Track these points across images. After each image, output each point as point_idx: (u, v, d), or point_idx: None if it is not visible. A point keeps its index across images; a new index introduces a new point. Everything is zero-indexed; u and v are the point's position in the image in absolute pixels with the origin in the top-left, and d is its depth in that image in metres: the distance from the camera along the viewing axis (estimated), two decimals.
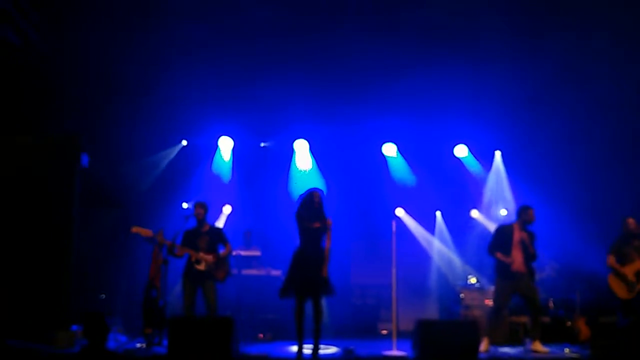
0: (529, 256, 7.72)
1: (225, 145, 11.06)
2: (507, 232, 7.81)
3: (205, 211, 7.94)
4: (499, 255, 7.70)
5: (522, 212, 7.85)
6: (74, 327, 7.61)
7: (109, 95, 9.40)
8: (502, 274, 7.71)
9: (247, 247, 9.86)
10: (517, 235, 7.75)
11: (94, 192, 9.35)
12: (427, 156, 11.38)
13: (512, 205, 10.64)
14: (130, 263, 9.19)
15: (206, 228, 7.92)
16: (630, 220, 8.08)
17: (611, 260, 8.10)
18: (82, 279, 8.56)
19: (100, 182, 9.60)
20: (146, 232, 7.55)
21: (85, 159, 8.99)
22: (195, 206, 7.96)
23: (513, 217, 8.14)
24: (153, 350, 7.06)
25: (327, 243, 6.99)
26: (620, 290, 8.01)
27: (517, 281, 7.63)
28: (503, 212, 10.36)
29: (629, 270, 7.98)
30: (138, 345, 7.32)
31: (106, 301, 8.87)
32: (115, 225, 9.73)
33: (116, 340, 7.77)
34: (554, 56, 9.14)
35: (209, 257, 7.71)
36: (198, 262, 7.67)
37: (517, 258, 7.65)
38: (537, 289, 7.82)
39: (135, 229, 7.56)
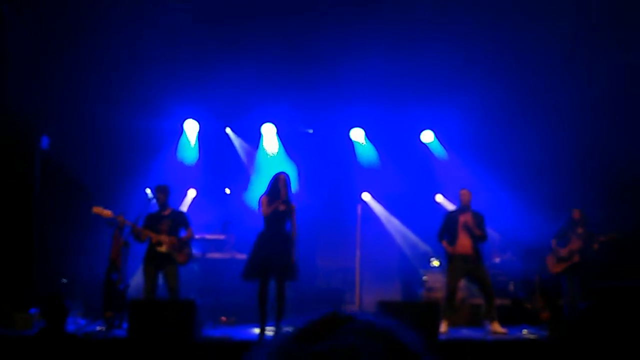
0: (476, 238, 7.87)
1: (191, 128, 10.96)
2: (453, 217, 8.03)
3: (166, 195, 7.87)
4: (444, 243, 8.03)
5: (459, 195, 8.13)
6: (33, 310, 7.52)
7: (70, 74, 9.20)
8: (450, 258, 7.89)
9: (223, 231, 9.87)
10: (462, 218, 7.92)
11: (55, 173, 9.20)
12: (394, 141, 11.45)
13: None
14: (91, 246, 9.06)
15: (168, 211, 7.86)
16: (576, 210, 8.72)
17: (553, 242, 8.73)
18: (42, 261, 8.45)
19: (62, 163, 9.45)
20: (107, 212, 7.47)
21: (45, 141, 8.84)
22: (156, 190, 7.89)
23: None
24: (113, 334, 7.01)
25: (293, 227, 7.00)
26: (552, 265, 8.68)
27: (465, 263, 7.80)
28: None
29: (566, 250, 8.58)
30: (98, 328, 7.25)
31: (67, 284, 8.76)
32: (76, 208, 9.58)
33: (76, 323, 7.69)
34: (521, 42, 9.23)
35: (170, 240, 7.65)
36: (159, 244, 7.61)
37: (463, 241, 7.83)
38: (487, 270, 8.00)
39: (96, 210, 7.47)
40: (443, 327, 7.57)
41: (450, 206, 11.15)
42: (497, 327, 7.65)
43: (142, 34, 8.83)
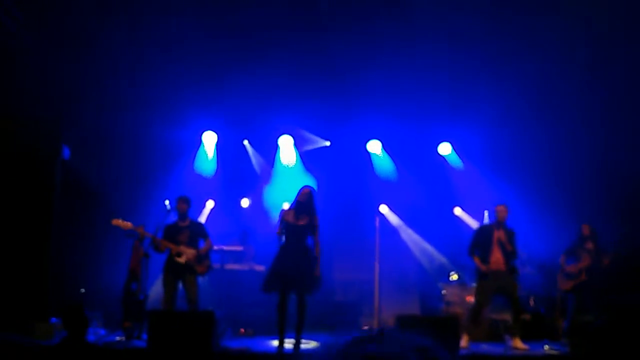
0: (509, 254, 7.80)
1: (209, 140, 11.00)
2: (486, 232, 7.93)
3: (188, 206, 7.90)
4: (476, 259, 7.91)
5: (495, 210, 8.00)
6: (53, 320, 7.55)
7: (91, 85, 9.30)
8: (482, 273, 7.80)
9: (241, 243, 9.87)
10: (496, 234, 7.83)
11: (75, 184, 9.27)
12: (412, 153, 11.42)
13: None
14: (111, 256, 9.10)
15: (187, 222, 7.88)
16: (585, 226, 8.69)
17: (561, 259, 8.75)
18: (62, 270, 8.49)
19: (82, 174, 9.52)
20: (126, 224, 7.50)
21: (67, 151, 8.91)
22: (178, 200, 7.91)
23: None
24: (132, 344, 7.02)
25: (316, 244, 6.99)
26: (561, 282, 8.67)
27: (497, 280, 7.70)
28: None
29: (575, 267, 8.55)
30: (117, 338, 7.27)
31: (86, 294, 8.79)
32: (96, 218, 9.63)
33: (95, 333, 7.70)
34: (537, 61, 9.20)
35: (190, 251, 7.66)
36: (179, 255, 7.62)
37: (496, 257, 7.74)
38: (517, 286, 7.90)
39: (115, 222, 7.50)
40: (464, 342, 7.50)
41: (468, 219, 11.10)
42: (518, 343, 7.56)
43: (163, 45, 8.92)
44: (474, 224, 10.73)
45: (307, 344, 7.32)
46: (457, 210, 11.38)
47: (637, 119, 9.66)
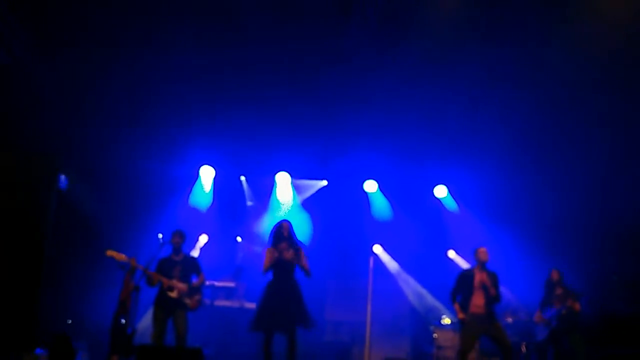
0: (491, 298, 7.67)
1: (207, 174, 11.03)
2: (468, 275, 7.81)
3: (182, 240, 7.85)
4: (455, 306, 7.76)
5: (475, 253, 7.91)
6: (39, 350, 7.45)
7: (89, 116, 9.37)
8: (463, 319, 7.69)
9: (233, 279, 9.82)
10: (478, 277, 7.74)
11: (69, 214, 9.25)
12: (408, 195, 11.45)
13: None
14: (101, 288, 9.02)
15: (180, 257, 7.83)
16: (553, 272, 8.73)
17: (537, 316, 8.82)
18: (50, 301, 8.41)
19: (77, 205, 9.51)
20: (120, 256, 7.44)
21: (63, 180, 8.92)
22: (173, 234, 7.87)
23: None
24: None
25: (306, 270, 6.91)
26: (539, 334, 8.77)
27: (480, 323, 7.59)
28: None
29: (545, 317, 8.66)
30: None
31: (73, 325, 8.69)
32: (88, 249, 9.59)
33: None
34: (536, 103, 9.33)
35: (181, 286, 7.60)
36: (170, 289, 7.55)
37: (477, 301, 7.64)
38: (502, 328, 7.80)
39: (109, 253, 7.44)
40: None
41: (462, 262, 11.07)
42: None
43: (161, 79, 9.02)
44: (467, 266, 10.69)
45: None
46: (451, 253, 11.36)
47: (633, 170, 9.78)
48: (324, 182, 11.51)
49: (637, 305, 9.44)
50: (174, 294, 7.54)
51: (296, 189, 11.37)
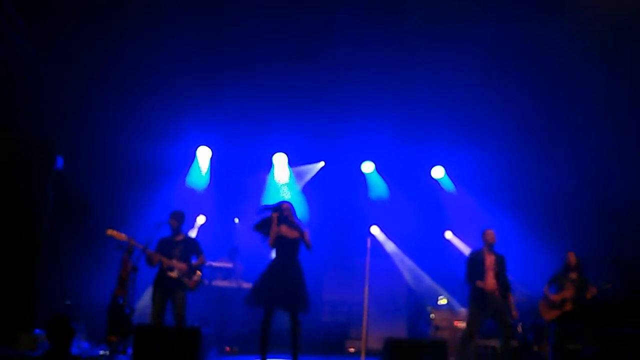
0: (501, 279, 7.71)
1: (203, 155, 11.00)
2: (479, 257, 7.80)
3: (179, 222, 7.84)
4: (479, 283, 7.61)
5: (483, 234, 7.88)
6: (37, 331, 7.47)
7: (86, 97, 9.31)
8: (477, 299, 7.67)
9: (230, 259, 9.82)
10: (488, 259, 7.75)
11: (66, 196, 9.23)
12: (405, 176, 11.45)
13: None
14: (99, 268, 9.03)
15: (181, 237, 7.84)
16: (570, 254, 8.64)
17: (545, 288, 8.67)
18: (48, 281, 8.42)
19: (73, 187, 9.48)
20: (121, 235, 7.44)
21: (60, 162, 8.89)
22: (170, 216, 7.87)
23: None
24: (117, 358, 6.93)
25: (308, 246, 6.88)
26: (544, 312, 8.64)
27: (492, 304, 7.59)
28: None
29: (558, 296, 8.51)
30: (101, 352, 7.19)
31: (71, 306, 8.70)
32: (86, 229, 9.59)
33: (79, 346, 7.62)
34: (535, 82, 9.29)
35: (181, 266, 7.61)
36: (170, 269, 7.57)
37: (491, 281, 7.64)
38: (509, 312, 7.80)
39: (110, 232, 7.45)
40: None
41: (459, 243, 11.11)
42: None
43: (158, 59, 8.94)
44: (464, 248, 10.73)
45: None
46: (448, 234, 11.39)
47: (633, 149, 9.77)
48: (321, 164, 11.49)
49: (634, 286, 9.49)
50: (173, 274, 7.55)
51: (295, 176, 11.36)
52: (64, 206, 9.11)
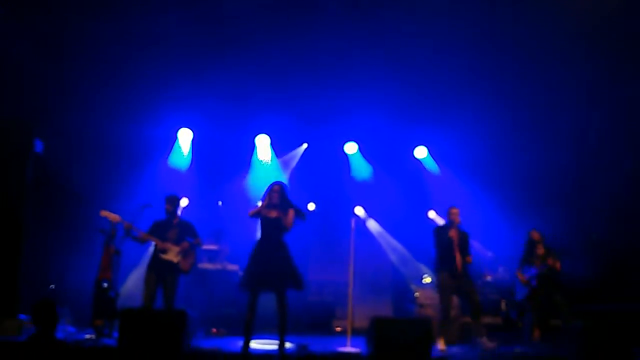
0: (464, 255, 7.90)
1: (185, 137, 10.91)
2: (445, 232, 7.98)
3: (173, 206, 7.87)
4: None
5: (448, 212, 8.12)
6: (22, 316, 7.42)
7: (65, 79, 9.16)
8: (445, 274, 7.85)
9: (215, 241, 9.80)
10: (454, 235, 7.91)
11: (47, 179, 9.12)
12: (388, 156, 11.47)
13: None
14: (82, 252, 8.96)
15: (176, 221, 7.86)
16: (533, 231, 8.80)
17: (517, 273, 8.80)
18: (30, 266, 8.34)
19: (55, 170, 9.37)
20: (114, 217, 7.45)
21: (39, 145, 8.77)
22: (165, 200, 7.89)
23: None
24: (103, 342, 6.91)
25: (288, 223, 6.88)
26: (518, 294, 8.79)
27: (457, 280, 7.80)
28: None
29: (525, 276, 8.67)
30: (87, 336, 7.16)
31: (55, 291, 8.65)
32: (68, 213, 9.49)
33: (64, 330, 7.59)
34: (517, 62, 9.31)
35: (175, 248, 7.63)
36: (164, 251, 7.57)
37: (457, 257, 7.84)
38: (475, 286, 8.01)
39: (103, 213, 7.46)
40: (441, 345, 7.56)
41: (441, 222, 11.17)
42: (486, 341, 7.65)
43: (138, 40, 8.81)
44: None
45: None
46: (432, 214, 11.45)
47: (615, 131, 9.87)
48: (304, 146, 11.46)
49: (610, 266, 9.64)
50: (167, 257, 7.57)
51: (282, 165, 11.32)
52: (44, 190, 9.00)
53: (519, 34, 8.66)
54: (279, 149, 11.37)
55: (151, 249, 7.92)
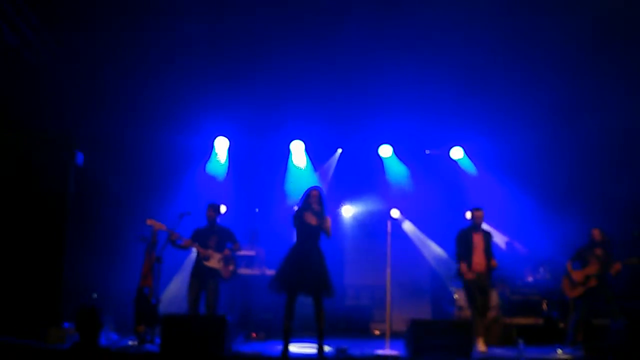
0: (488, 257, 8.00)
1: (221, 145, 11.05)
2: (467, 236, 7.99)
3: (215, 213, 8.05)
4: (463, 267, 8.04)
5: (473, 215, 8.26)
6: (66, 324, 7.61)
7: (105, 91, 9.38)
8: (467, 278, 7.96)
9: (251, 247, 9.90)
10: (475, 237, 8.04)
11: (88, 190, 9.34)
12: (423, 158, 11.42)
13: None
14: (123, 261, 9.15)
15: (216, 228, 8.05)
16: (595, 230, 8.45)
17: (568, 265, 8.45)
18: (74, 275, 8.55)
19: (95, 180, 9.60)
20: (160, 225, 7.64)
21: (80, 157, 9.00)
22: (207, 208, 8.06)
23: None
24: (145, 348, 7.04)
25: (327, 232, 6.91)
26: (568, 290, 8.39)
27: (479, 280, 7.84)
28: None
29: (581, 274, 8.28)
30: (130, 342, 7.30)
31: (98, 299, 8.84)
32: (109, 223, 9.71)
33: (107, 338, 7.76)
34: (554, 69, 9.17)
35: (217, 255, 7.80)
36: (206, 258, 7.76)
37: (478, 259, 7.91)
38: (492, 290, 8.14)
39: (150, 222, 7.66)
40: (482, 347, 7.52)
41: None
42: (481, 344, 7.65)
43: (175, 51, 8.96)
44: (485, 227, 10.67)
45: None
46: (469, 215, 11.33)
47: None
48: (339, 151, 11.49)
49: None
50: (210, 264, 7.74)
51: (320, 176, 11.37)
52: (85, 201, 9.21)
53: (556, 38, 8.52)
54: (314, 154, 11.41)
55: (193, 256, 8.08)
